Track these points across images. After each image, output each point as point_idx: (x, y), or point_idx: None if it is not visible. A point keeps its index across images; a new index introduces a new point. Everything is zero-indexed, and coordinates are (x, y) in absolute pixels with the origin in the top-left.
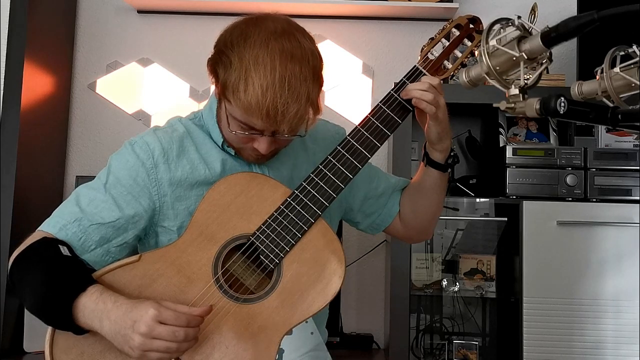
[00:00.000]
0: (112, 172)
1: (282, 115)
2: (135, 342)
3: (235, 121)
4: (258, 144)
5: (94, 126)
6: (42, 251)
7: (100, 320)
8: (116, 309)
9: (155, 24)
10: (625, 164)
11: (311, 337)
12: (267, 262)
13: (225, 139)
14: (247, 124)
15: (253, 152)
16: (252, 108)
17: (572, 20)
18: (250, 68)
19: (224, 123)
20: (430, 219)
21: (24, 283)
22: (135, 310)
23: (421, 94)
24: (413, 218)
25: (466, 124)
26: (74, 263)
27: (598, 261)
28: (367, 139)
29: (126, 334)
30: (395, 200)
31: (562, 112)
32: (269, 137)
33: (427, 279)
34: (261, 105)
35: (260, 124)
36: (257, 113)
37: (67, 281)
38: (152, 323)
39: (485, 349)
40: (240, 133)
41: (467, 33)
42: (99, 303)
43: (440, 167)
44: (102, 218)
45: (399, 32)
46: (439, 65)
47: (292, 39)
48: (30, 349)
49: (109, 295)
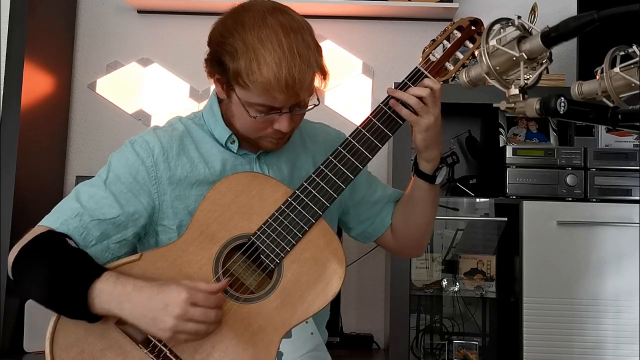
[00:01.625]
0: (112, 169)
1: (300, 83)
2: (168, 324)
3: (254, 106)
4: (279, 124)
5: (94, 126)
6: (49, 242)
7: (120, 303)
8: (138, 291)
9: (155, 24)
10: (625, 164)
11: (311, 337)
12: (268, 262)
13: (236, 133)
14: (267, 105)
15: (274, 136)
16: (271, 84)
17: (572, 20)
18: (258, 47)
19: (239, 116)
20: (421, 233)
21: (31, 274)
22: (165, 293)
23: (407, 98)
24: (404, 231)
25: (466, 124)
26: (83, 253)
27: (598, 261)
28: (368, 139)
29: (157, 317)
30: (388, 212)
31: (562, 112)
32: (288, 114)
33: (427, 279)
34: (279, 78)
35: (282, 97)
36: (278, 87)
37: (79, 268)
38: (185, 306)
39: (485, 349)
40: (261, 116)
41: (468, 35)
42: (117, 287)
43: (428, 178)
44: (102, 214)
45: (399, 32)
46: (440, 66)
47: (284, 14)
48: (30, 349)
49: (127, 279)
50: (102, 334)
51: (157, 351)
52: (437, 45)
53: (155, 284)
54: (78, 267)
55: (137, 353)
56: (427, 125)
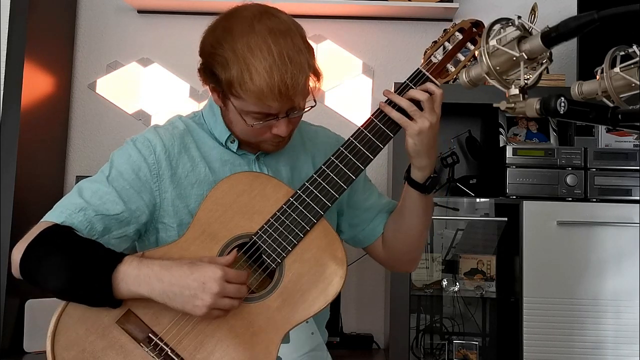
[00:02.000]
0: (114, 166)
1: (293, 89)
2: (206, 301)
3: (250, 114)
4: (277, 129)
5: (94, 126)
6: (59, 235)
7: (150, 284)
8: (167, 270)
9: (155, 24)
10: (625, 164)
11: (312, 337)
12: (269, 262)
13: (236, 136)
14: (262, 112)
15: (274, 140)
16: (264, 93)
17: (572, 20)
18: (247, 56)
19: (237, 122)
20: (411, 245)
21: (46, 266)
22: (199, 272)
23: (399, 100)
24: (394, 241)
25: (466, 124)
26: (95, 242)
27: (598, 261)
28: (370, 140)
29: (194, 294)
30: (381, 221)
31: (562, 112)
32: (285, 118)
33: (427, 279)
34: (272, 86)
35: (276, 105)
36: (271, 95)
37: (99, 255)
38: (222, 282)
39: (485, 349)
40: (258, 124)
41: (470, 37)
42: (143, 268)
43: (419, 187)
44: (107, 210)
45: (399, 32)
46: (441, 68)
47: (271, 17)
48: (30, 349)
49: (150, 261)
50: (103, 332)
51: (158, 350)
52: (439, 47)
53: (185, 263)
54: (97, 254)
55: (138, 352)
56: (420, 129)
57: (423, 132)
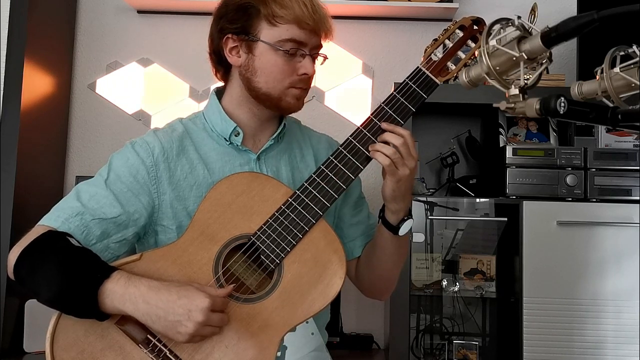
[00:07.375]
0: (112, 169)
1: (323, 21)
2: (189, 329)
3: (282, 43)
4: (304, 67)
5: (94, 126)
6: (52, 243)
7: (135, 304)
8: (155, 293)
9: (155, 24)
10: (625, 164)
11: (312, 337)
12: (268, 262)
13: (265, 92)
14: (295, 39)
15: (297, 86)
16: (303, 12)
17: (572, 20)
18: None
19: (266, 64)
20: (382, 279)
21: (37, 275)
22: (187, 299)
23: (381, 146)
24: (366, 270)
25: (466, 124)
26: (88, 252)
27: (598, 261)
28: (369, 139)
29: (178, 321)
30: (361, 243)
31: (562, 112)
32: (309, 57)
33: (427, 279)
34: (308, 9)
35: (310, 27)
36: (308, 15)
37: (87, 269)
38: (207, 312)
39: (485, 349)
40: (293, 49)
41: (470, 34)
42: (129, 287)
43: (392, 228)
44: (104, 213)
45: (399, 32)
46: (442, 66)
47: None
48: (30, 349)
49: (139, 279)
50: (102, 333)
51: (157, 351)
52: (439, 45)
53: (172, 287)
54: (86, 267)
55: (137, 353)
56: (401, 177)
57: (402, 180)
